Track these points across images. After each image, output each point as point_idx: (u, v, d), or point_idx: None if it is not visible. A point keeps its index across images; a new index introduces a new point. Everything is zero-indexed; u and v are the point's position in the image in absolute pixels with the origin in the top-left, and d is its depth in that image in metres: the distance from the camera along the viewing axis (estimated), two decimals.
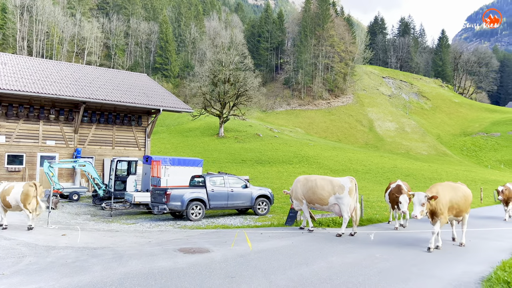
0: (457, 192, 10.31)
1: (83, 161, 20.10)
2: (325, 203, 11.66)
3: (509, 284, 6.45)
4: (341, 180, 11.75)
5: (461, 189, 10.51)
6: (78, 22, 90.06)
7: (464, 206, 10.34)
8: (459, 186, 10.62)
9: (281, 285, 6.25)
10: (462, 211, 10.37)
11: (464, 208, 10.34)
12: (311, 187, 11.75)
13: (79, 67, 29.75)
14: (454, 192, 10.22)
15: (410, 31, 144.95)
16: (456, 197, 10.21)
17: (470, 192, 10.80)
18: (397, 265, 7.90)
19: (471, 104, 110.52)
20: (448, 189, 10.15)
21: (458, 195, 10.28)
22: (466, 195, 10.47)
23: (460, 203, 10.23)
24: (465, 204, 10.36)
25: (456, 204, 10.15)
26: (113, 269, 6.82)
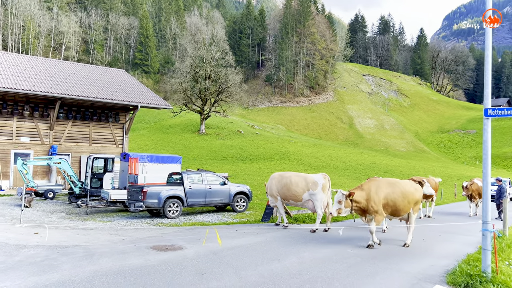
0: (395, 189, 9.62)
1: (58, 159, 19.74)
2: (299, 200, 11.80)
3: (472, 276, 6.69)
4: (314, 177, 11.91)
5: (400, 185, 9.76)
6: (55, 16, 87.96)
7: (403, 204, 9.58)
8: (398, 183, 9.88)
9: (251, 280, 6.33)
10: (401, 209, 9.63)
11: (403, 207, 9.60)
12: (285, 184, 11.87)
13: (55, 62, 29.13)
14: (391, 188, 9.57)
15: (390, 30, 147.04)
16: (392, 195, 9.50)
17: (415, 189, 10.02)
18: (366, 260, 8.08)
19: (448, 101, 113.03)
20: (384, 186, 9.57)
21: (396, 192, 9.57)
22: (405, 192, 9.65)
23: (397, 200, 9.51)
24: (404, 202, 9.58)
25: (392, 201, 9.47)
26: (83, 267, 6.78)
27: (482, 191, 7.06)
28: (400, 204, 9.52)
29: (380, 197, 9.31)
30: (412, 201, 9.77)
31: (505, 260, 7.60)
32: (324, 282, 6.45)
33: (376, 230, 11.23)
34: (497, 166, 67.74)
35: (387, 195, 9.43)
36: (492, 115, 6.87)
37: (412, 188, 9.95)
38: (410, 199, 9.70)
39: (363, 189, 9.45)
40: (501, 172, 58.78)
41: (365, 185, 9.62)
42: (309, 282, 6.37)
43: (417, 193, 10.00)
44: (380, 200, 9.28)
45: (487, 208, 6.88)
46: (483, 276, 6.63)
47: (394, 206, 9.52)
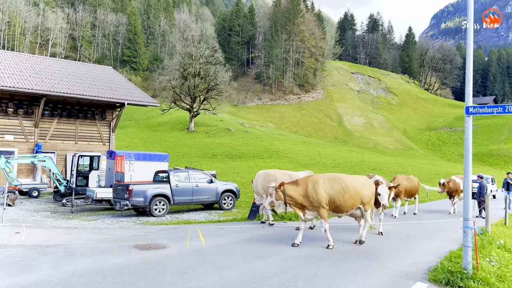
0: (334, 184, 9.16)
1: (43, 157, 19.46)
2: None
3: (453, 273, 6.74)
4: (299, 174, 11.91)
5: (341, 181, 9.27)
6: (41, 12, 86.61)
7: (344, 200, 9.11)
8: (339, 178, 9.34)
9: (232, 279, 6.28)
10: (342, 205, 9.15)
11: (345, 203, 9.13)
12: (270, 181, 11.83)
13: (40, 58, 28.68)
14: (330, 184, 9.15)
15: (379, 28, 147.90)
16: (331, 190, 9.08)
17: (362, 185, 9.51)
18: (349, 257, 8.09)
19: (436, 99, 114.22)
20: (322, 181, 9.14)
21: (335, 187, 9.12)
22: (347, 188, 9.15)
23: (338, 196, 9.06)
24: (345, 198, 9.11)
25: (331, 197, 9.05)
26: (62, 267, 6.66)
27: (463, 188, 7.11)
28: (340, 199, 9.06)
29: (320, 192, 8.92)
30: (356, 197, 9.27)
31: (486, 257, 7.67)
32: (306, 280, 6.44)
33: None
34: (483, 163, 68.74)
35: (327, 190, 9.03)
36: (473, 113, 6.91)
37: (357, 184, 9.40)
38: (353, 194, 9.20)
39: (299, 185, 9.11)
40: (487, 169, 59.64)
41: (301, 180, 9.27)
42: (291, 281, 6.35)
43: (365, 189, 9.47)
44: (322, 194, 8.91)
45: (468, 206, 6.92)
46: (464, 273, 6.68)
47: (334, 202, 9.07)
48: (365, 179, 9.89)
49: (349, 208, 9.31)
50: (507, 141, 77.74)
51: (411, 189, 15.07)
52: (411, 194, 15.20)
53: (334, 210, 9.28)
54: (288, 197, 8.93)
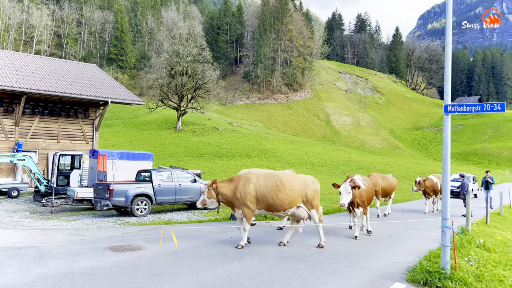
0: (268, 181, 8.71)
1: (22, 156, 19.01)
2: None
3: (431, 273, 6.67)
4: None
5: (276, 178, 8.77)
6: (26, 9, 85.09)
7: (278, 199, 8.58)
8: (275, 175, 8.89)
9: (207, 281, 6.12)
10: (276, 204, 8.61)
11: (279, 202, 8.59)
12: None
13: (21, 55, 28.07)
14: (263, 181, 8.73)
15: (367, 28, 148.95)
16: (264, 188, 8.62)
17: (303, 183, 8.99)
18: (329, 258, 7.98)
19: (422, 99, 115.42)
20: (255, 178, 8.76)
21: (268, 185, 8.65)
22: (281, 186, 8.65)
23: (270, 194, 8.58)
24: (279, 196, 8.58)
25: (263, 195, 8.58)
26: (29, 271, 6.41)
27: (442, 187, 7.05)
28: (274, 198, 8.56)
29: (248, 189, 8.53)
30: (294, 196, 8.73)
31: (465, 256, 7.63)
32: (283, 281, 6.30)
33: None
34: (468, 162, 69.65)
35: (259, 188, 8.59)
36: (452, 112, 6.85)
37: (295, 181, 8.88)
38: (289, 192, 8.66)
39: (232, 181, 8.84)
40: (472, 168, 60.42)
41: (235, 177, 8.91)
42: (267, 282, 6.21)
43: (306, 187, 8.93)
44: (249, 192, 8.52)
45: (447, 204, 6.86)
46: (442, 272, 6.61)
47: (267, 200, 8.59)
48: (309, 178, 9.32)
49: (286, 207, 8.71)
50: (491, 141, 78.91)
51: (387, 188, 14.54)
52: (387, 193, 14.73)
53: (268, 209, 8.77)
54: (221, 195, 8.68)
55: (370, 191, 11.15)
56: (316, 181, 9.33)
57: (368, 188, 10.97)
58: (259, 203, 8.65)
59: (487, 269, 7.03)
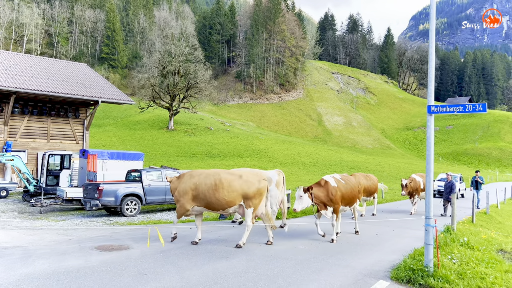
0: (207, 180, 8.77)
1: (11, 155, 18.87)
2: None
3: (414, 271, 6.78)
4: (269, 173, 11.83)
5: (217, 177, 8.81)
6: (16, 7, 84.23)
7: (215, 197, 8.64)
8: (216, 174, 8.89)
9: (192, 280, 6.16)
10: (213, 202, 8.69)
11: (216, 199, 8.65)
12: None
13: (10, 54, 27.84)
14: (203, 179, 8.80)
15: (359, 28, 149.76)
16: (202, 186, 8.72)
17: (244, 182, 8.88)
18: (315, 256, 8.06)
19: (413, 99, 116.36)
20: (197, 175, 8.91)
21: (207, 182, 8.73)
22: (220, 183, 8.67)
23: (209, 193, 8.67)
24: (216, 194, 8.63)
25: (202, 192, 8.72)
26: (14, 270, 6.40)
27: (426, 187, 7.16)
28: (211, 196, 8.63)
29: (187, 186, 8.68)
30: (233, 194, 8.72)
31: (448, 254, 7.76)
32: (268, 279, 6.37)
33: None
34: (458, 162, 70.35)
35: (197, 185, 8.69)
36: (435, 112, 6.98)
37: (236, 180, 8.84)
38: (228, 191, 8.68)
39: (179, 178, 9.10)
40: (462, 168, 61.07)
41: (181, 176, 9.15)
42: (253, 281, 6.27)
43: (249, 186, 8.84)
44: (186, 189, 8.68)
45: (430, 204, 6.98)
46: (425, 270, 6.73)
47: (205, 198, 8.68)
48: (256, 177, 9.12)
49: (224, 206, 8.78)
50: (481, 141, 79.77)
51: (370, 187, 14.23)
52: (370, 193, 14.47)
53: (207, 207, 8.86)
54: (171, 191, 8.98)
55: (348, 191, 10.32)
56: (263, 181, 9.12)
57: (345, 187, 10.26)
58: (198, 201, 8.78)
59: (470, 266, 7.16)
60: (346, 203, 10.44)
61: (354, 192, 10.71)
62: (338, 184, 10.10)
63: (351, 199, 10.57)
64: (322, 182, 9.92)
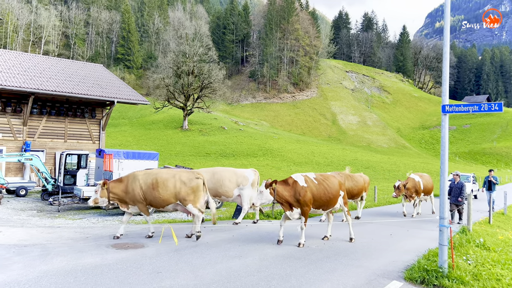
0: (148, 179, 9.11)
1: (30, 155, 19.29)
2: (230, 195, 11.95)
3: (428, 272, 6.74)
4: (245, 172, 12.12)
5: (154, 176, 9.13)
6: (34, 9, 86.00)
7: (152, 196, 8.98)
8: (156, 173, 9.18)
9: (206, 279, 6.24)
10: (156, 200, 9.04)
11: (156, 198, 8.96)
12: (218, 180, 11.89)
13: (29, 56, 28.44)
14: (145, 178, 9.13)
15: (373, 27, 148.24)
16: (145, 186, 9.05)
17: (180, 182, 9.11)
18: (328, 256, 8.07)
19: (429, 98, 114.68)
20: (141, 175, 9.21)
21: (148, 183, 9.07)
22: (158, 183, 9.00)
23: (149, 192, 9.02)
24: (154, 194, 8.95)
25: (145, 192, 9.05)
26: (34, 267, 6.59)
27: (440, 187, 7.10)
28: (150, 195, 9.03)
29: (135, 187, 9.03)
30: (168, 193, 9.04)
31: (463, 255, 7.68)
32: (281, 279, 6.41)
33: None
34: (476, 162, 69.12)
35: (143, 185, 9.07)
36: (450, 112, 6.91)
37: (171, 179, 9.11)
38: (164, 189, 9.02)
39: (122, 181, 9.27)
40: (480, 168, 59.98)
41: (125, 177, 9.41)
42: (266, 280, 6.32)
43: (182, 185, 9.12)
44: (136, 190, 9.03)
45: (444, 204, 6.92)
46: (439, 271, 6.69)
47: (148, 197, 9.08)
48: (187, 175, 9.33)
49: (163, 204, 9.19)
50: (500, 140, 78.21)
51: (352, 189, 12.89)
52: (353, 194, 13.04)
53: (151, 205, 9.30)
54: (112, 194, 9.16)
55: (321, 193, 9.28)
56: (198, 180, 9.32)
57: (318, 188, 9.28)
58: (145, 199, 9.14)
59: (485, 268, 7.08)
60: (319, 206, 9.38)
61: (331, 194, 9.46)
62: (309, 184, 9.19)
63: (326, 202, 9.42)
64: (290, 181, 9.15)
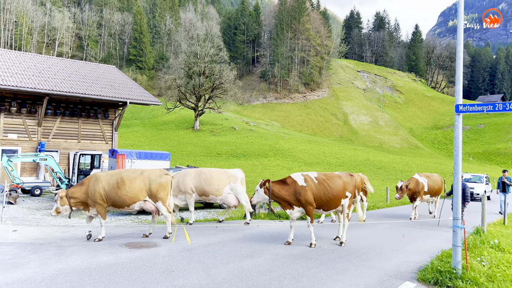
0: (111, 180, 9.20)
1: (44, 155, 19.60)
2: (220, 194, 12.08)
3: (442, 273, 6.67)
4: (233, 171, 12.41)
5: (118, 176, 9.27)
6: (48, 12, 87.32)
7: (117, 196, 9.07)
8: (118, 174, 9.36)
9: (218, 278, 6.28)
10: (117, 200, 9.16)
11: (119, 197, 9.07)
12: (206, 179, 12.02)
13: (44, 58, 28.90)
14: (108, 178, 9.21)
15: (385, 26, 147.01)
16: (108, 187, 9.15)
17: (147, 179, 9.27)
18: (340, 256, 8.05)
19: (442, 98, 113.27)
20: (102, 176, 9.33)
21: (111, 183, 9.16)
22: (122, 183, 9.12)
23: (113, 192, 9.12)
24: (118, 194, 9.06)
25: (108, 193, 9.13)
26: (49, 266, 6.71)
27: (453, 188, 7.02)
28: (114, 195, 9.08)
29: (96, 189, 9.04)
30: (133, 192, 9.16)
31: (478, 257, 7.59)
32: (293, 279, 6.42)
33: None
34: (490, 162, 68.08)
35: (106, 186, 9.09)
36: (463, 111, 6.84)
37: (136, 179, 9.26)
38: (129, 189, 9.11)
39: (83, 184, 9.27)
40: (494, 168, 59.07)
41: (85, 180, 9.41)
42: (278, 280, 6.33)
43: (151, 182, 9.29)
44: (98, 191, 9.03)
45: (458, 205, 6.85)
46: (453, 272, 6.62)
47: (111, 198, 9.11)
48: (156, 172, 9.52)
49: (128, 203, 9.21)
50: None
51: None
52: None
53: (114, 205, 9.30)
54: (74, 199, 9.15)
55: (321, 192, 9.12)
56: (166, 177, 9.49)
57: (318, 188, 9.15)
58: (107, 200, 9.18)
59: (500, 269, 6.99)
60: (319, 206, 9.21)
61: (331, 194, 9.19)
62: (309, 184, 9.10)
63: (326, 202, 9.20)
64: (289, 181, 9.17)
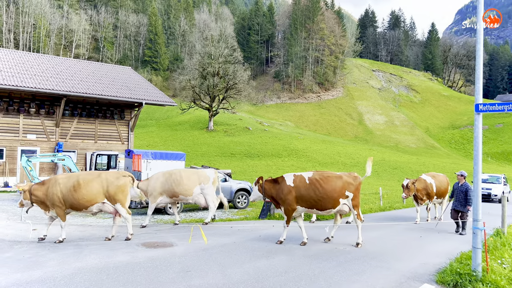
0: (68, 183, 9.20)
1: (62, 155, 19.92)
2: (189, 194, 12.02)
3: (461, 275, 6.55)
4: (206, 171, 12.33)
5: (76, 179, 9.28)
6: (65, 14, 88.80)
7: (74, 198, 9.06)
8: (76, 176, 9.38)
9: (234, 278, 6.29)
10: (77, 204, 9.16)
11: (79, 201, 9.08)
12: (175, 180, 11.96)
13: (61, 60, 29.41)
14: (64, 183, 9.21)
15: (401, 24, 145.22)
16: (65, 189, 9.11)
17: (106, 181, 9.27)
18: (357, 258, 7.97)
19: (459, 97, 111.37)
20: (64, 177, 9.35)
21: (68, 186, 9.15)
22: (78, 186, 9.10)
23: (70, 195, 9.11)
24: (75, 196, 9.06)
25: (65, 196, 9.13)
26: (68, 264, 6.81)
27: (473, 188, 6.89)
28: (71, 198, 9.07)
29: (54, 191, 9.04)
30: (91, 193, 9.13)
31: (498, 259, 7.43)
32: (309, 280, 6.38)
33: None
34: (509, 162, 66.71)
35: (63, 189, 9.07)
36: (483, 111, 6.70)
37: (94, 180, 9.25)
38: (85, 191, 9.08)
39: (44, 184, 9.31)
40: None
41: (47, 180, 9.47)
42: (294, 280, 6.31)
43: (109, 184, 9.25)
44: (55, 193, 9.02)
45: (478, 206, 6.72)
46: (473, 275, 6.49)
47: (67, 200, 9.09)
48: (113, 174, 9.60)
49: (86, 205, 9.18)
50: None
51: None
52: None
53: (72, 208, 9.30)
54: (34, 196, 9.20)
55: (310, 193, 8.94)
56: (125, 179, 9.47)
57: (307, 188, 8.95)
58: (64, 203, 9.18)
59: None
60: (311, 206, 9.02)
61: (324, 194, 8.89)
62: (297, 184, 8.89)
63: (317, 202, 8.94)
64: (280, 180, 9.19)
